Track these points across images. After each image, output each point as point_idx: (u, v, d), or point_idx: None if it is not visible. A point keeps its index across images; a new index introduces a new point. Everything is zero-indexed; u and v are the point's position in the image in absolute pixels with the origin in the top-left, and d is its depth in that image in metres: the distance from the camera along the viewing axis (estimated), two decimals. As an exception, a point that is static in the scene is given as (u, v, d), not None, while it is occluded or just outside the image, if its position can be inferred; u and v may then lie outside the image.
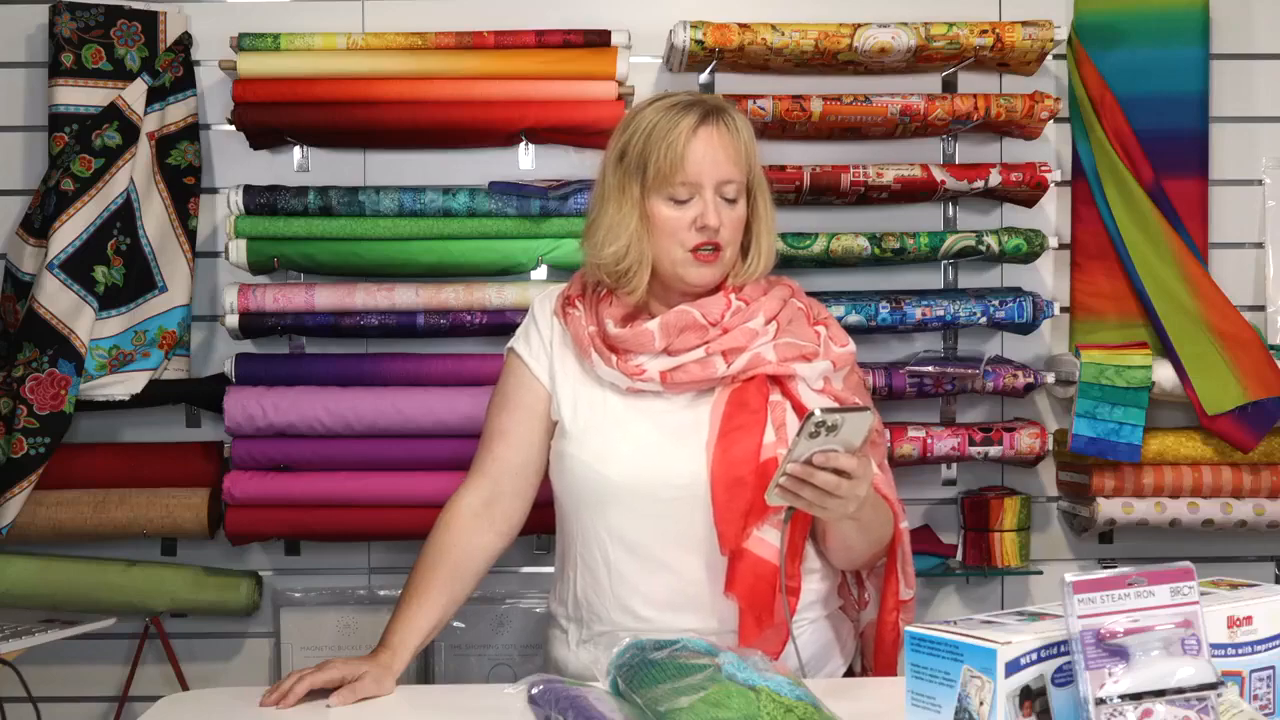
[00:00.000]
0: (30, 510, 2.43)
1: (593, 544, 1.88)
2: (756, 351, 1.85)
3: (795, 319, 1.93)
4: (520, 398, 1.95)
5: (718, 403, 1.85)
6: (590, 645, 1.90)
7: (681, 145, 1.82)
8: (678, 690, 1.37)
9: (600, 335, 1.89)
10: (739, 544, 1.78)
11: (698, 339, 1.86)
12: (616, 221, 1.86)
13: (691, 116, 1.84)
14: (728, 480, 1.78)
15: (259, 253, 2.47)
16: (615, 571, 1.86)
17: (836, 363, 1.92)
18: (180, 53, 2.53)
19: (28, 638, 1.95)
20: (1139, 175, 2.57)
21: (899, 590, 1.91)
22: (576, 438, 1.88)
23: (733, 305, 1.88)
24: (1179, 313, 2.54)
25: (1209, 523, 2.55)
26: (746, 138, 1.89)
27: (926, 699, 1.27)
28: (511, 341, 2.01)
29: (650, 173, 1.83)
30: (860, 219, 2.61)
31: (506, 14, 2.58)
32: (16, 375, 2.36)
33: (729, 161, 1.85)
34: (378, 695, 1.71)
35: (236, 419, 2.45)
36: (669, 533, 1.83)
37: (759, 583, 1.77)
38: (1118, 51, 2.62)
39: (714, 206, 1.84)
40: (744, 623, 1.78)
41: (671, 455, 1.83)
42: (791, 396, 1.85)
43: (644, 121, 1.86)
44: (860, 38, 2.44)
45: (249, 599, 2.54)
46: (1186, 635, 1.21)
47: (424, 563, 1.88)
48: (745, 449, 1.79)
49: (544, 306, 2.00)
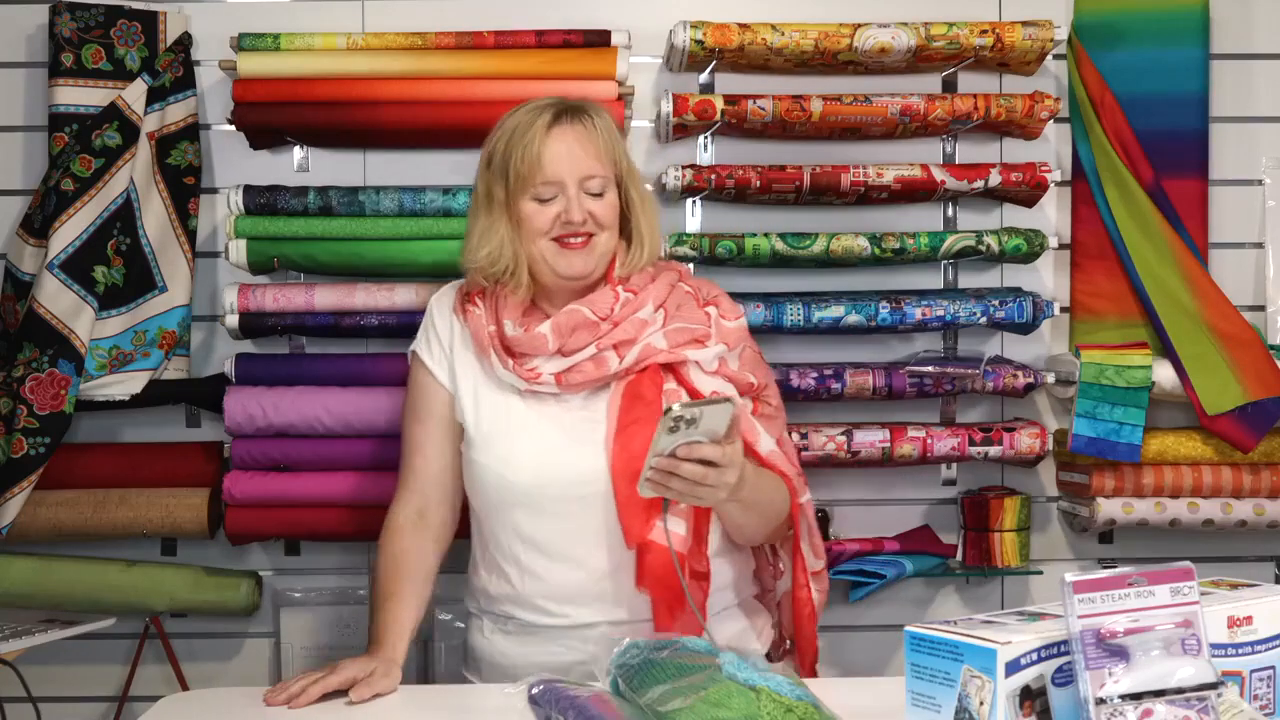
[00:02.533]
0: (30, 510, 2.43)
1: (503, 543, 1.92)
2: (647, 342, 1.90)
3: (685, 303, 1.97)
4: (430, 407, 1.98)
5: (613, 398, 1.90)
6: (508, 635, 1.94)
7: (537, 146, 1.88)
8: (678, 690, 1.37)
9: (499, 336, 1.93)
10: (644, 537, 1.82)
11: (590, 336, 1.91)
12: (488, 225, 1.92)
13: (545, 116, 1.89)
14: (628, 474, 1.82)
15: (259, 253, 2.47)
16: (526, 570, 1.90)
17: (730, 342, 1.96)
18: (180, 53, 2.53)
19: (28, 638, 1.95)
20: (1139, 175, 2.57)
21: (806, 563, 1.96)
22: (481, 444, 1.93)
23: (621, 298, 1.93)
24: (1179, 313, 2.54)
25: (1209, 523, 2.55)
26: (606, 133, 1.93)
27: (926, 699, 1.27)
28: (414, 344, 2.03)
29: (512, 175, 1.89)
30: (860, 219, 2.61)
31: (506, 14, 2.58)
32: (16, 375, 2.36)
33: (588, 157, 1.89)
34: (389, 689, 1.74)
35: (236, 419, 2.45)
36: (576, 530, 1.88)
37: (668, 573, 1.81)
38: (1118, 51, 2.62)
39: (577, 202, 1.89)
40: (657, 613, 1.83)
41: (573, 455, 1.88)
42: (685, 383, 1.91)
43: (506, 126, 1.92)
44: (860, 38, 2.45)
45: (249, 599, 2.54)
46: (1186, 635, 1.21)
47: (385, 571, 1.93)
48: (643, 442, 1.82)
49: (442, 304, 2.03)
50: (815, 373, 2.51)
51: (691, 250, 2.49)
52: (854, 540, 2.56)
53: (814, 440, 2.49)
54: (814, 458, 2.50)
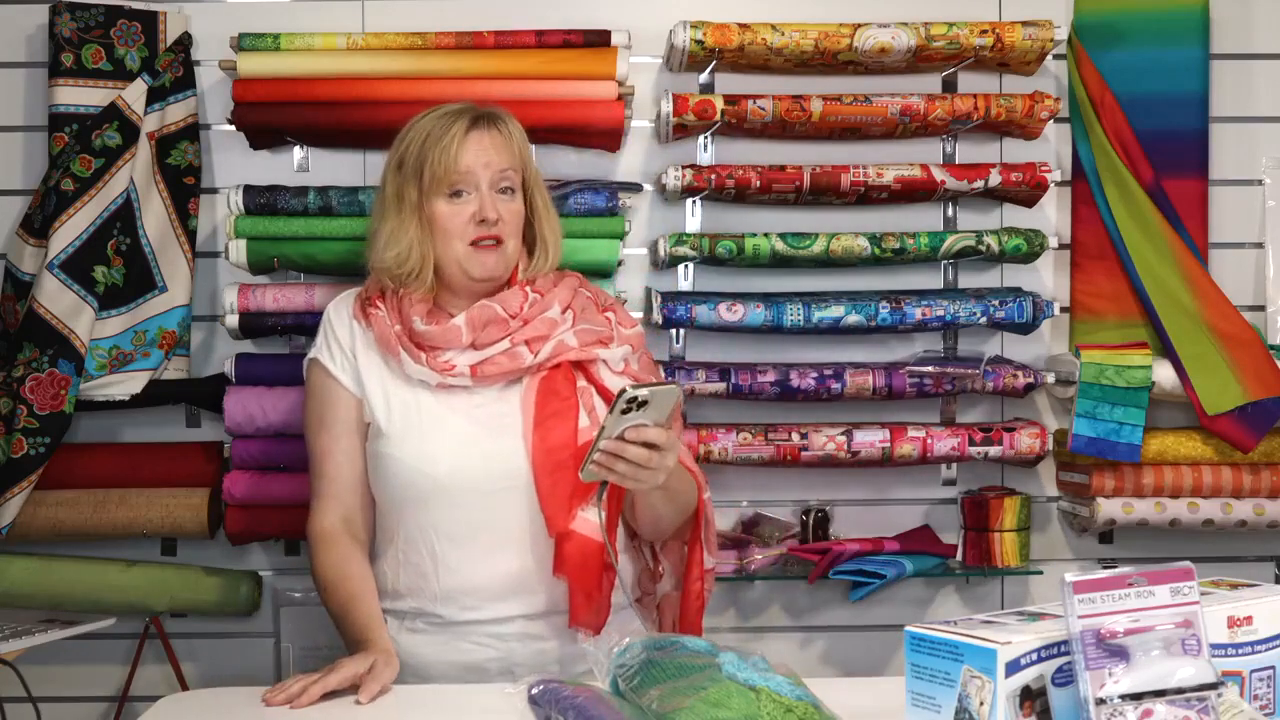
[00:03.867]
0: (30, 510, 2.43)
1: (416, 539, 1.92)
2: (559, 339, 1.95)
3: (587, 307, 2.03)
4: (335, 412, 1.99)
5: (528, 392, 1.93)
6: (417, 635, 1.94)
7: (455, 147, 1.92)
8: (678, 690, 1.37)
9: (407, 333, 1.95)
10: (566, 526, 1.85)
11: (501, 332, 1.94)
12: (396, 226, 1.95)
13: (463, 121, 1.95)
14: (549, 466, 1.86)
15: (259, 253, 2.47)
16: (442, 564, 1.91)
17: (633, 345, 2.03)
18: (180, 53, 2.53)
19: (28, 638, 1.95)
20: (1139, 175, 2.57)
21: (703, 559, 1.99)
22: (394, 438, 1.93)
23: (529, 298, 1.98)
24: (1179, 313, 2.54)
25: (1209, 523, 2.55)
26: (519, 139, 2.00)
27: (926, 699, 1.27)
28: (313, 352, 2.04)
29: (427, 175, 1.93)
30: (860, 219, 2.61)
31: (506, 14, 2.58)
32: (16, 375, 2.36)
33: (500, 157, 1.95)
34: (391, 678, 1.75)
35: (236, 419, 2.45)
36: (494, 523, 1.90)
37: (586, 561, 1.85)
38: (1118, 51, 2.62)
39: (491, 200, 1.93)
40: (574, 602, 1.86)
41: (490, 448, 1.90)
42: (595, 381, 1.95)
43: (419, 130, 1.96)
44: (860, 38, 2.45)
45: (249, 599, 2.54)
46: (1187, 635, 1.21)
47: (336, 577, 1.92)
48: (562, 435, 1.88)
49: (340, 311, 2.04)
50: (815, 373, 2.51)
51: (691, 250, 2.49)
52: (854, 540, 2.56)
53: (814, 440, 2.49)
54: (814, 458, 2.50)
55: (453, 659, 1.92)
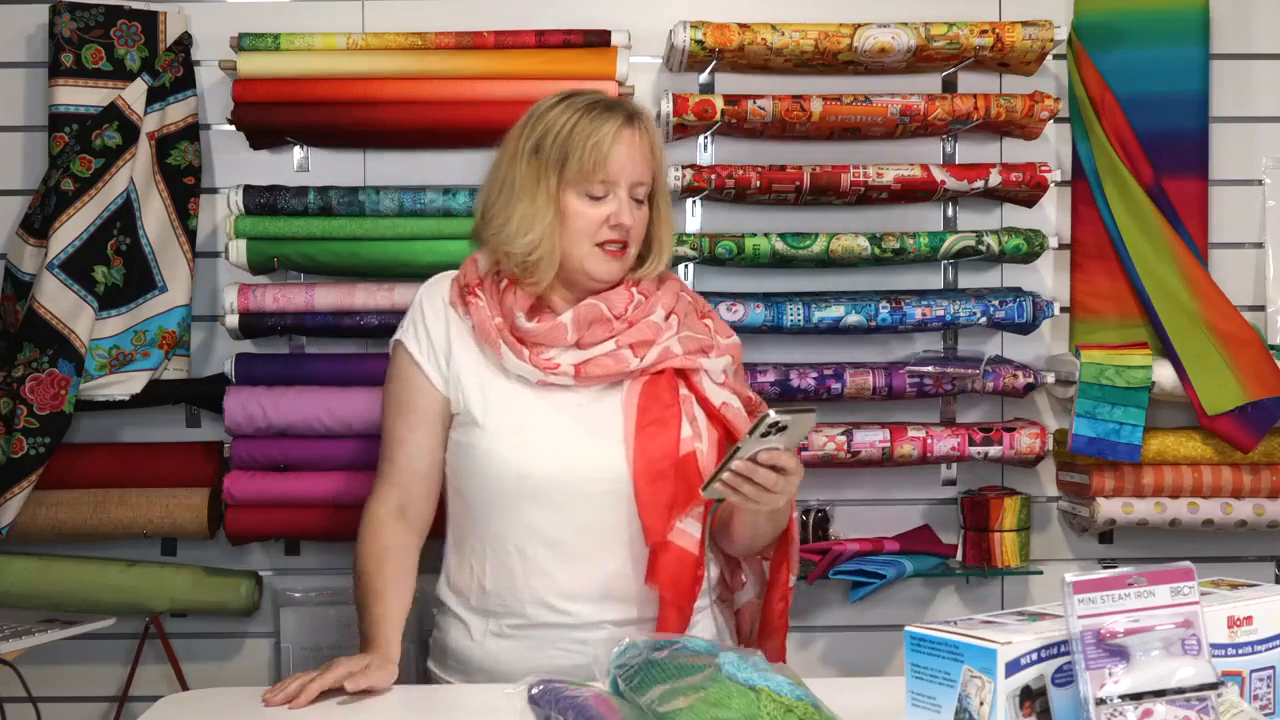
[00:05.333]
0: (30, 510, 2.43)
1: (506, 538, 1.88)
2: (665, 345, 1.91)
3: (689, 313, 2.00)
4: (413, 401, 1.95)
5: (630, 396, 1.89)
6: (504, 640, 1.90)
7: (607, 145, 1.87)
8: (678, 690, 1.37)
9: (509, 327, 1.90)
10: (663, 536, 1.82)
11: (605, 332, 1.91)
12: (530, 213, 1.88)
13: (616, 119, 1.90)
14: (650, 474, 1.83)
15: (259, 253, 2.47)
16: (531, 565, 1.87)
17: (733, 355, 2.00)
18: (180, 53, 2.53)
19: (28, 638, 1.95)
20: (1139, 175, 2.57)
21: (789, 579, 1.97)
22: (490, 432, 1.89)
23: (634, 299, 1.94)
24: (1179, 313, 2.54)
25: (1209, 523, 2.55)
26: (658, 144, 1.96)
27: (926, 699, 1.27)
28: (399, 334, 1.99)
29: (571, 168, 1.87)
30: (860, 219, 2.61)
31: (506, 14, 2.58)
32: (16, 375, 2.36)
33: (644, 164, 1.91)
34: (385, 683, 1.73)
35: (236, 419, 2.45)
36: (588, 526, 1.86)
37: (681, 573, 1.82)
38: (1118, 51, 2.62)
39: (628, 206, 1.90)
40: (664, 613, 1.83)
41: (590, 450, 1.87)
42: (696, 390, 1.92)
43: (562, 119, 1.90)
44: (860, 38, 2.45)
45: (249, 599, 2.54)
46: (1187, 635, 1.21)
47: (370, 566, 1.90)
48: (664, 443, 1.85)
49: (433, 297, 1.98)
50: (815, 373, 2.51)
51: (691, 250, 2.49)
52: (854, 540, 2.56)
53: (814, 440, 2.49)
54: (814, 458, 2.50)
55: (536, 664, 1.85)
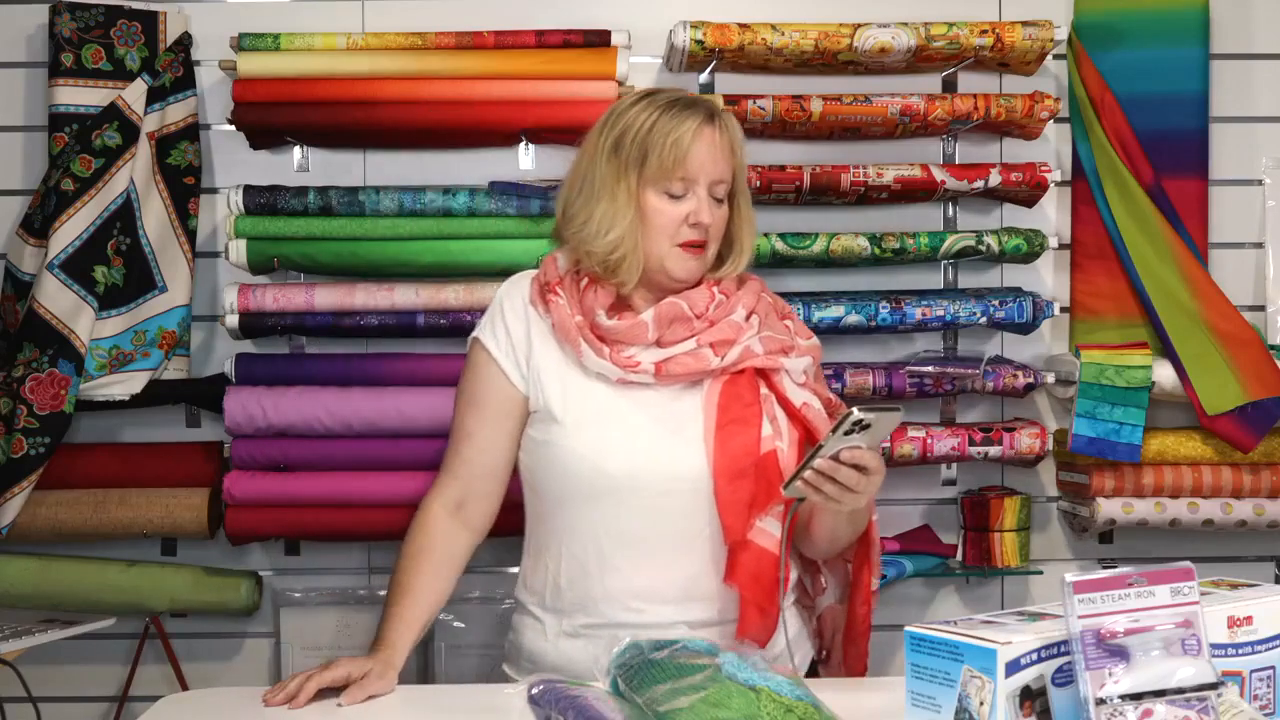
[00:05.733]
0: (30, 510, 2.43)
1: (584, 536, 1.86)
2: (746, 345, 1.89)
3: (769, 313, 1.98)
4: (487, 396, 1.93)
5: (710, 395, 1.87)
6: (577, 639, 1.88)
7: (687, 143, 1.85)
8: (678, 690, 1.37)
9: (589, 325, 1.89)
10: (743, 535, 1.80)
11: (686, 331, 1.89)
12: (611, 212, 1.87)
13: (696, 117, 1.87)
14: (730, 473, 1.81)
15: (259, 253, 2.47)
16: (608, 564, 1.85)
17: (814, 357, 1.98)
18: (180, 53, 2.53)
19: (28, 638, 1.95)
20: (1139, 175, 2.57)
21: (870, 582, 1.95)
22: (570, 428, 1.87)
23: (715, 298, 1.92)
24: (1179, 313, 2.54)
25: (1209, 523, 2.55)
26: (739, 141, 1.93)
27: (926, 699, 1.27)
28: (477, 331, 1.97)
29: (651, 166, 1.85)
30: (860, 219, 2.61)
31: (506, 14, 2.58)
32: (16, 375, 2.36)
33: (724, 162, 1.89)
34: (384, 691, 1.72)
35: (236, 419, 2.45)
36: (665, 525, 1.84)
37: (761, 572, 1.80)
38: (1118, 51, 2.62)
39: (708, 205, 1.88)
40: (745, 613, 1.80)
41: (669, 448, 1.84)
42: (777, 390, 1.90)
43: (642, 116, 1.88)
44: (860, 38, 2.45)
45: (249, 599, 2.54)
46: (1186, 635, 1.21)
47: (406, 563, 1.89)
48: (745, 442, 1.83)
49: (513, 295, 1.97)
50: (815, 373, 2.51)
51: (691, 250, 2.49)
52: (854, 540, 2.56)
53: (814, 440, 2.49)
54: (814, 458, 2.49)
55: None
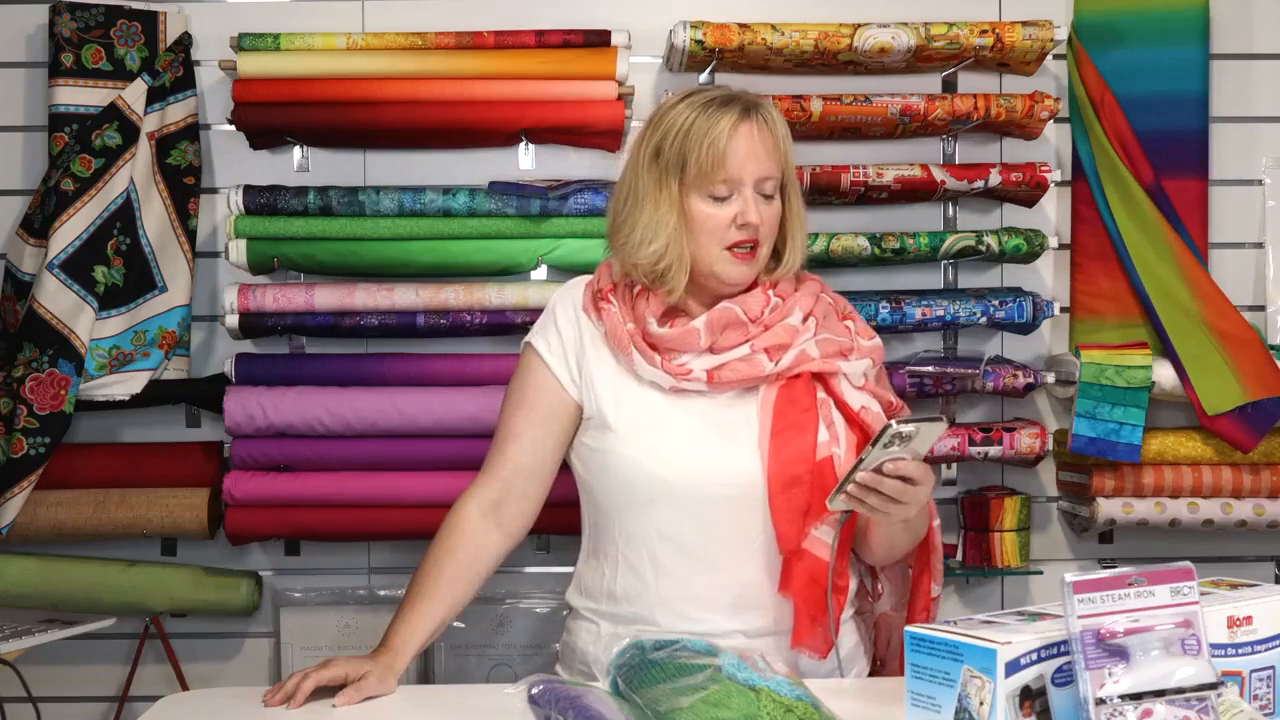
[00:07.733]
0: (30, 510, 2.43)
1: (638, 542, 1.84)
2: (801, 349, 1.85)
3: (828, 314, 1.93)
4: (536, 398, 1.91)
5: (765, 400, 1.83)
6: None
7: (723, 143, 1.81)
8: (678, 690, 1.37)
9: (641, 333, 1.86)
10: (798, 544, 1.77)
11: (740, 336, 1.85)
12: (654, 220, 1.84)
13: (732, 114, 1.83)
14: (785, 480, 1.78)
15: (259, 253, 2.47)
16: (662, 571, 1.83)
17: (874, 359, 1.93)
18: (180, 53, 2.53)
19: (28, 638, 1.95)
20: (1139, 175, 2.57)
21: (931, 588, 1.92)
22: (624, 435, 1.84)
23: (771, 301, 1.87)
24: (1179, 313, 2.54)
25: (1209, 523, 2.55)
26: (783, 133, 1.88)
27: (926, 699, 1.27)
28: (530, 336, 1.96)
29: (691, 170, 1.82)
30: (860, 219, 2.61)
31: (506, 14, 2.58)
32: (16, 375, 2.36)
33: (768, 158, 1.84)
34: (381, 694, 1.71)
35: (236, 419, 2.45)
36: (720, 532, 1.82)
37: (815, 581, 1.77)
38: (1118, 51, 2.62)
39: (753, 204, 1.83)
40: (799, 623, 1.78)
41: (724, 454, 1.82)
42: (834, 394, 1.86)
43: (680, 119, 1.84)
44: (860, 38, 2.45)
45: (249, 599, 2.54)
46: (1186, 635, 1.21)
47: (429, 564, 1.86)
48: (800, 448, 1.79)
49: (566, 302, 1.95)
50: (815, 373, 2.51)
51: (691, 250, 2.49)
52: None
53: (814, 440, 2.49)
54: (814, 458, 2.49)
55: None
